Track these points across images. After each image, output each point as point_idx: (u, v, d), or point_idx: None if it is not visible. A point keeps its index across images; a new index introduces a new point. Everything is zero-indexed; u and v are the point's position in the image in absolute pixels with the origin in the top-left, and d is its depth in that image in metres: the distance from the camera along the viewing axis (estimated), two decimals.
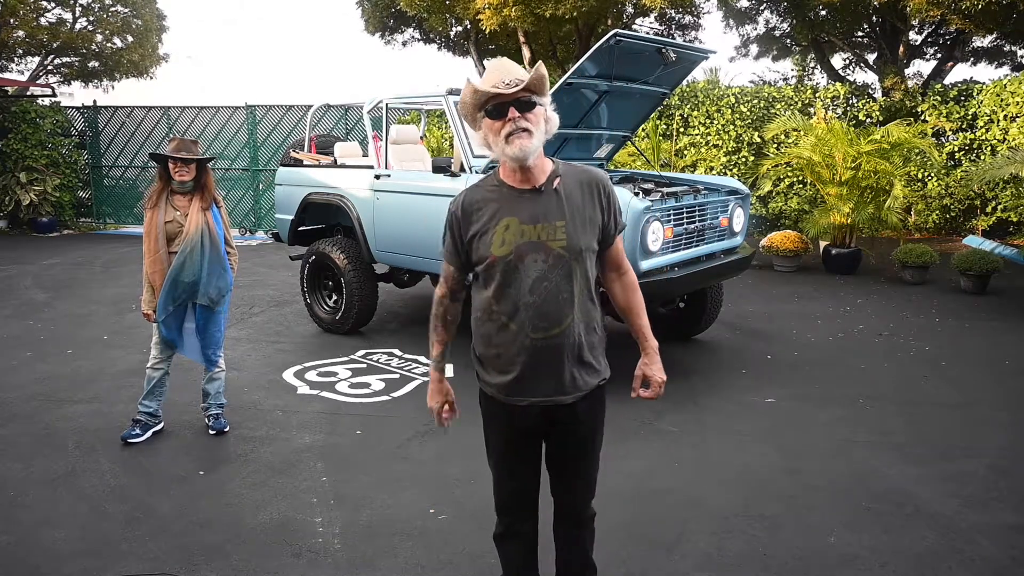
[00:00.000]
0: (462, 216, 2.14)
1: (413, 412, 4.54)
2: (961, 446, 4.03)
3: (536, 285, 2.07)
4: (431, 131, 12.78)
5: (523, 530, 2.36)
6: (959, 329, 6.48)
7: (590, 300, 2.15)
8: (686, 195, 5.07)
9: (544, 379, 2.12)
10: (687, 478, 3.67)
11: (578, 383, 2.15)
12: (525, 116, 2.00)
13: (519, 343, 2.10)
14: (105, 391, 4.93)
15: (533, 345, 2.09)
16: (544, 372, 2.11)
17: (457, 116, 5.45)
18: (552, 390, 2.13)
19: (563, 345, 2.10)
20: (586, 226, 2.11)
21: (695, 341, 6.10)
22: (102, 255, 10.78)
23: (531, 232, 2.06)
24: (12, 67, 15.17)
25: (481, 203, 2.12)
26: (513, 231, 2.07)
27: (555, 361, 2.11)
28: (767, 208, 12.18)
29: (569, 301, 2.09)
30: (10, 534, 3.16)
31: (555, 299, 2.08)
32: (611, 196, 2.17)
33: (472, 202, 2.14)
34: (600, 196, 2.14)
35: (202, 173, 4.05)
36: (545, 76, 2.02)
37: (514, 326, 2.10)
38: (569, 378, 2.13)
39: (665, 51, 5.04)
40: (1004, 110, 10.83)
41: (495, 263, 2.08)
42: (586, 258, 2.12)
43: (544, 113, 2.05)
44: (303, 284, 6.48)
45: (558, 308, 2.08)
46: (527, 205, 2.09)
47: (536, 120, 2.02)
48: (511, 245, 2.07)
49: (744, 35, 15.08)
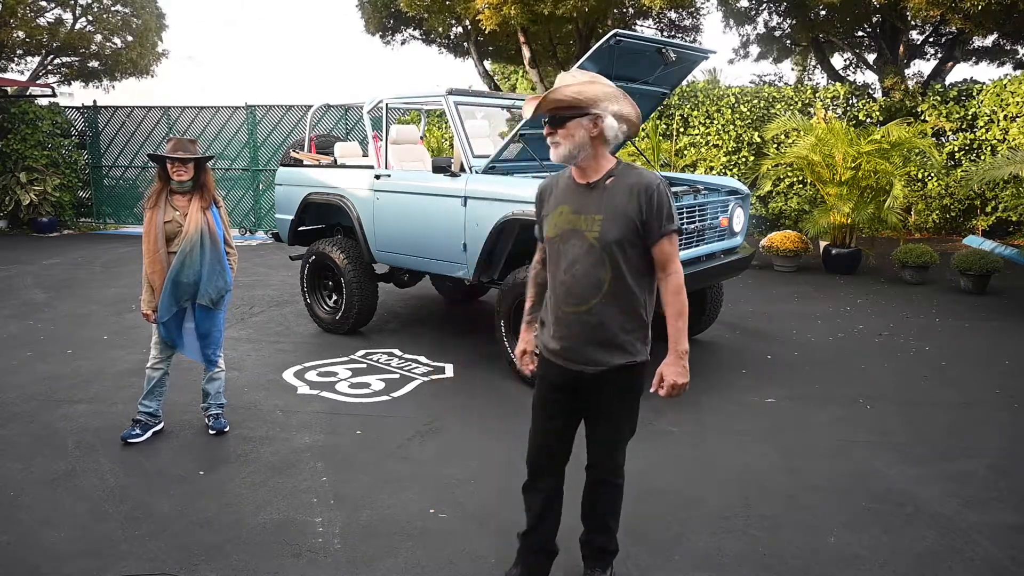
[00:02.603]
0: (538, 198, 2.59)
1: (413, 412, 4.54)
2: (961, 446, 4.03)
3: (570, 267, 2.40)
4: (431, 131, 12.78)
5: (542, 487, 2.64)
6: (959, 329, 6.48)
7: (627, 288, 2.39)
8: (686, 195, 5.07)
9: (575, 349, 2.44)
10: (687, 478, 3.67)
11: (600, 358, 2.42)
12: (556, 131, 2.37)
13: (556, 313, 2.47)
14: (105, 391, 4.93)
15: (565, 317, 2.44)
16: (575, 342, 2.43)
17: (457, 116, 5.44)
18: (580, 360, 2.44)
19: (589, 322, 2.40)
20: (620, 222, 2.36)
21: (695, 341, 6.10)
22: (102, 255, 10.78)
23: (575, 221, 2.41)
24: (12, 67, 15.17)
25: (551, 190, 2.54)
26: (564, 217, 2.43)
27: (581, 335, 2.42)
28: (767, 208, 12.18)
29: (597, 285, 2.37)
30: (10, 534, 3.16)
31: (582, 281, 2.38)
32: (653, 199, 2.37)
33: (546, 187, 2.58)
34: (642, 197, 2.36)
35: (201, 172, 4.04)
36: (578, 95, 2.33)
37: (554, 298, 2.47)
38: (592, 352, 2.42)
39: (665, 51, 5.04)
40: (1004, 110, 10.84)
41: (548, 242, 2.50)
42: (620, 251, 2.36)
43: (583, 123, 2.34)
44: (303, 284, 6.48)
45: (584, 290, 2.39)
46: (578, 197, 2.44)
47: (567, 133, 2.35)
48: (560, 229, 2.44)
49: (744, 35, 15.08)
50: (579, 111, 2.33)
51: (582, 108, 2.33)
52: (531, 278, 2.71)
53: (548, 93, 2.35)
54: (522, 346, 2.73)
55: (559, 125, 2.36)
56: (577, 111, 2.34)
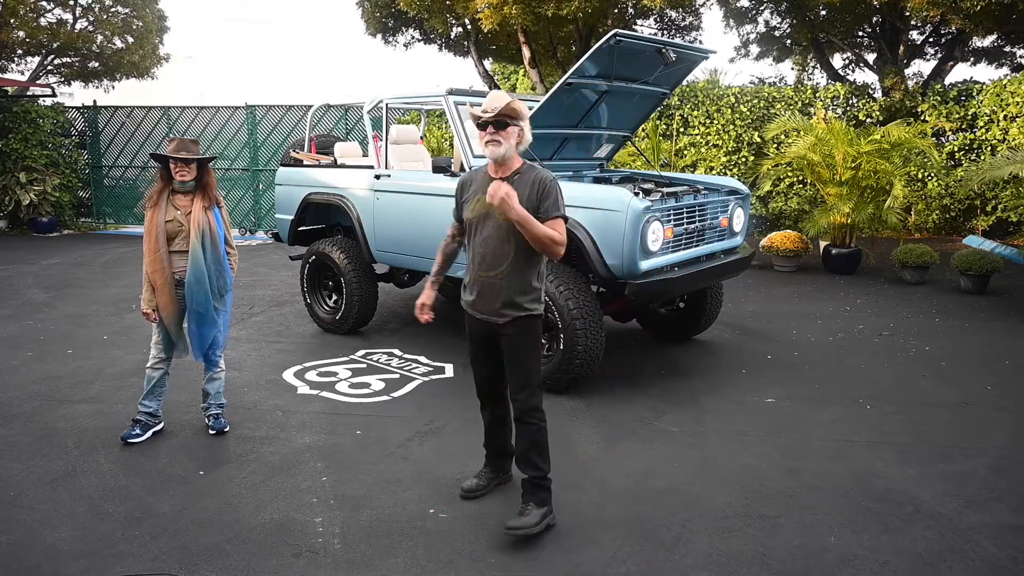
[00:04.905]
0: (461, 187, 3.27)
1: (413, 412, 4.54)
2: (961, 446, 4.03)
3: (484, 242, 3.10)
4: (431, 131, 12.79)
5: (489, 408, 3.44)
6: (959, 329, 6.48)
7: (525, 259, 3.07)
8: (686, 195, 5.06)
9: (487, 303, 3.14)
10: (687, 478, 3.67)
11: (506, 311, 3.12)
12: (498, 132, 2.99)
13: (474, 276, 3.16)
14: (105, 391, 4.93)
15: (481, 280, 3.14)
16: (487, 299, 3.14)
17: (457, 116, 5.44)
18: (491, 312, 3.14)
19: (497, 284, 3.10)
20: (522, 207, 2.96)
21: (695, 341, 6.10)
22: (102, 255, 10.78)
23: (489, 206, 2.98)
24: (12, 67, 15.17)
25: (471, 182, 3.23)
26: (481, 203, 3.07)
27: (493, 293, 3.12)
28: (767, 208, 12.18)
29: (504, 256, 3.07)
30: (10, 534, 3.16)
31: (494, 252, 3.08)
32: (546, 189, 3.05)
33: (467, 179, 3.27)
34: (538, 188, 3.04)
35: (203, 173, 4.07)
36: (517, 108, 2.97)
37: (473, 265, 3.16)
38: (500, 306, 3.12)
39: (665, 51, 5.04)
40: (1004, 110, 10.84)
41: (468, 222, 3.17)
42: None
43: (517, 131, 3.01)
44: (303, 284, 6.48)
45: (495, 258, 3.09)
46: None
47: (507, 135, 2.99)
48: (477, 213, 3.11)
49: (744, 35, 15.07)
50: (515, 121, 2.98)
51: (517, 119, 2.98)
52: (440, 249, 3.38)
53: (509, 101, 2.94)
54: (422, 299, 3.41)
55: (503, 128, 2.98)
56: (514, 120, 2.98)
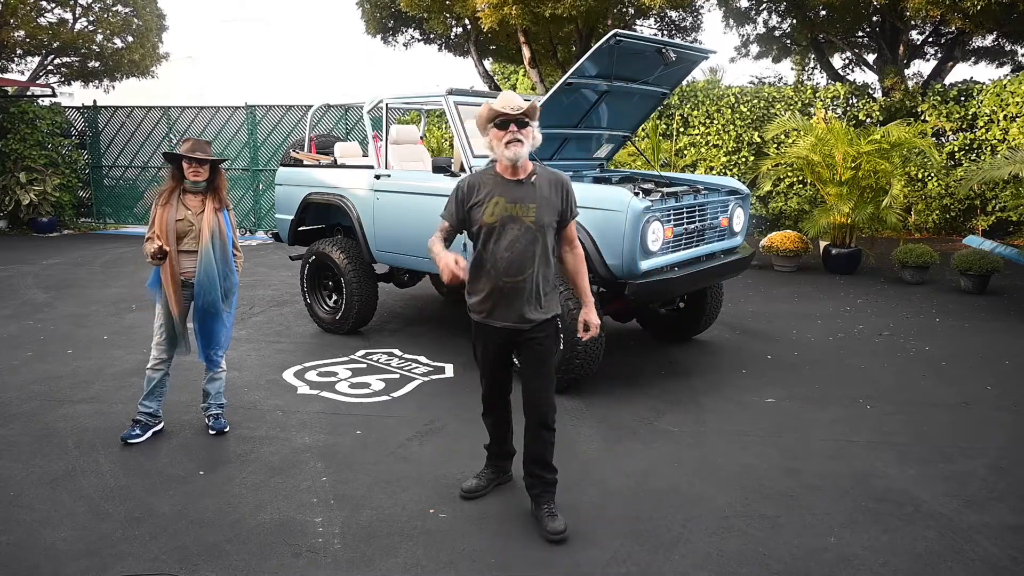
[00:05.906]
0: (467, 189, 3.09)
1: (413, 412, 4.54)
2: (961, 446, 4.03)
3: (511, 245, 2.99)
4: (431, 131, 12.79)
5: (494, 412, 3.40)
6: (959, 329, 6.48)
7: (547, 261, 3.07)
8: (686, 195, 5.06)
9: (510, 310, 3.05)
10: (687, 478, 3.67)
11: (532, 316, 3.06)
12: (521, 131, 2.95)
13: (494, 284, 3.03)
14: (105, 391, 4.93)
15: (504, 286, 3.02)
16: (510, 305, 3.04)
17: (457, 116, 5.44)
18: (516, 319, 3.06)
19: (524, 288, 3.02)
20: (549, 209, 3.04)
21: (695, 341, 6.10)
22: (102, 255, 10.78)
23: (512, 209, 2.99)
24: (12, 67, 15.16)
25: (479, 185, 3.07)
26: (501, 206, 3.00)
27: (517, 299, 3.04)
28: (767, 208, 12.18)
29: (532, 259, 3.01)
30: (10, 534, 3.16)
31: (521, 256, 3.00)
32: (569, 192, 3.11)
33: (474, 182, 3.10)
34: (561, 191, 3.09)
35: (215, 174, 4.10)
36: (537, 108, 2.97)
37: (493, 272, 3.02)
38: (526, 312, 3.05)
39: (665, 51, 5.03)
40: (1004, 110, 10.84)
41: (485, 227, 3.02)
42: (547, 232, 3.04)
43: (533, 131, 2.99)
44: (303, 284, 6.48)
45: (523, 262, 3.00)
46: (512, 190, 3.03)
47: (527, 135, 2.96)
48: (497, 216, 3.00)
49: (744, 35, 15.08)
50: (533, 121, 2.98)
51: (535, 119, 2.99)
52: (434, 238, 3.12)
53: (532, 101, 2.96)
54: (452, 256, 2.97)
55: (524, 127, 2.95)
56: (532, 121, 2.98)
